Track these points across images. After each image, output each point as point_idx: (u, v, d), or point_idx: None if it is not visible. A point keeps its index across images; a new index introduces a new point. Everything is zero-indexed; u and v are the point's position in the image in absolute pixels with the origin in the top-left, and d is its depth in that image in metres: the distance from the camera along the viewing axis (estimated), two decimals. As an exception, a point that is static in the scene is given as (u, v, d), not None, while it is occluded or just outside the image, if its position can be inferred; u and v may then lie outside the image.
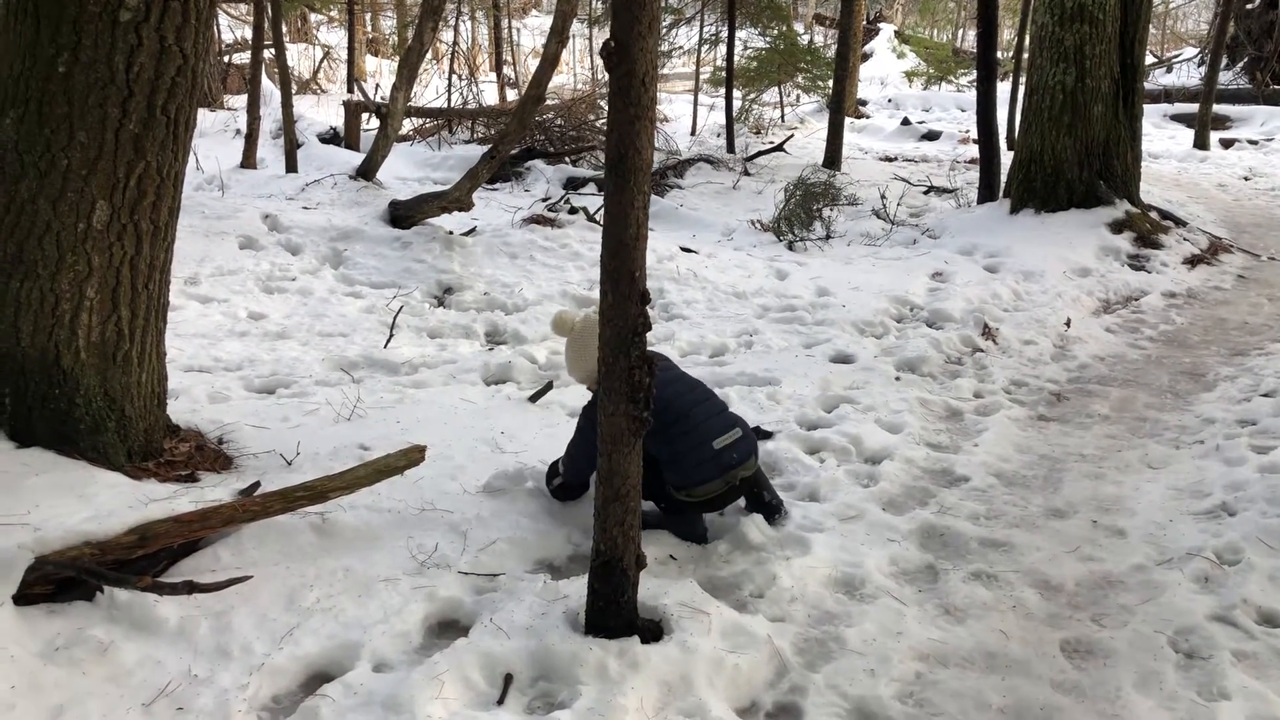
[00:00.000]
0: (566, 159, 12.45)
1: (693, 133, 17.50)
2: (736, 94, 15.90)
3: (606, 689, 2.91)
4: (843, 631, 3.36)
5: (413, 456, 3.78)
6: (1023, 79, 17.38)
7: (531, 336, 6.54)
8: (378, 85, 20.23)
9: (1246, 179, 14.47)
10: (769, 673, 3.16)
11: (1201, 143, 16.76)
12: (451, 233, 8.08)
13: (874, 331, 6.66)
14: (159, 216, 3.98)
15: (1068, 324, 6.92)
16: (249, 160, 11.38)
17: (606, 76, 2.96)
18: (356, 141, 12.92)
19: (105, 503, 3.52)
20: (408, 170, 12.24)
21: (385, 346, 6.20)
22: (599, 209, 8.96)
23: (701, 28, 17.83)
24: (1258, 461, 4.52)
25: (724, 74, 19.03)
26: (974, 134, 18.21)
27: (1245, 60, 21.95)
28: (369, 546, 3.69)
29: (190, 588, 3.01)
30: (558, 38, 7.10)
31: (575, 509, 4.07)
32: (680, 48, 17.87)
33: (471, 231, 8.23)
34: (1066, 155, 9.13)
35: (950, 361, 6.19)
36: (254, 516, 3.47)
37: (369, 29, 28.29)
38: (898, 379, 5.79)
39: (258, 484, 3.85)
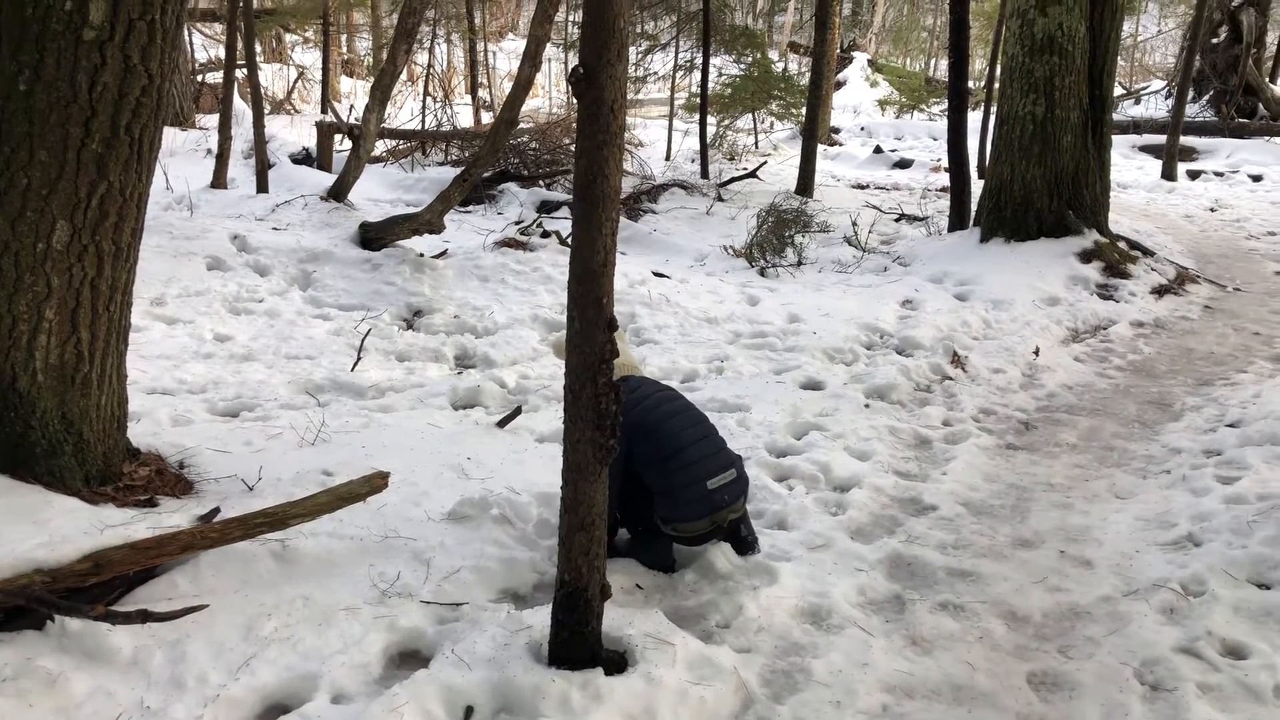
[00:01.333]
0: (540, 182, 12.44)
1: (667, 158, 17.55)
2: (711, 120, 15.98)
3: (570, 721, 2.86)
4: (809, 663, 3.33)
5: (375, 483, 3.72)
6: (994, 109, 17.64)
7: (501, 360, 6.50)
8: (352, 106, 20.15)
9: (1212, 210, 14.64)
10: (735, 705, 3.13)
11: (1169, 174, 16.96)
12: (422, 255, 8.03)
13: (844, 359, 6.67)
14: (121, 237, 3.92)
15: (1036, 353, 6.95)
16: (219, 180, 11.30)
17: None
18: (329, 162, 12.88)
19: (59, 528, 3.44)
20: (380, 191, 12.20)
21: (352, 370, 6.14)
22: (570, 234, 8.95)
23: (676, 54, 17.93)
24: (1223, 492, 4.54)
25: (698, 100, 19.20)
26: (945, 163, 18.47)
27: (1211, 93, 22.29)
28: (329, 574, 3.63)
29: (144, 617, 2.94)
30: (530, 62, 7.10)
31: (541, 538, 4.03)
32: (655, 73, 17.93)
33: (443, 254, 8.19)
34: (1036, 185, 9.20)
35: (920, 389, 6.20)
36: (212, 543, 3.41)
37: (344, 50, 28.30)
38: (867, 406, 5.78)
39: (217, 510, 3.78)
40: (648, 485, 3.69)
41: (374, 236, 8.36)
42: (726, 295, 7.90)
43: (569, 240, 8.48)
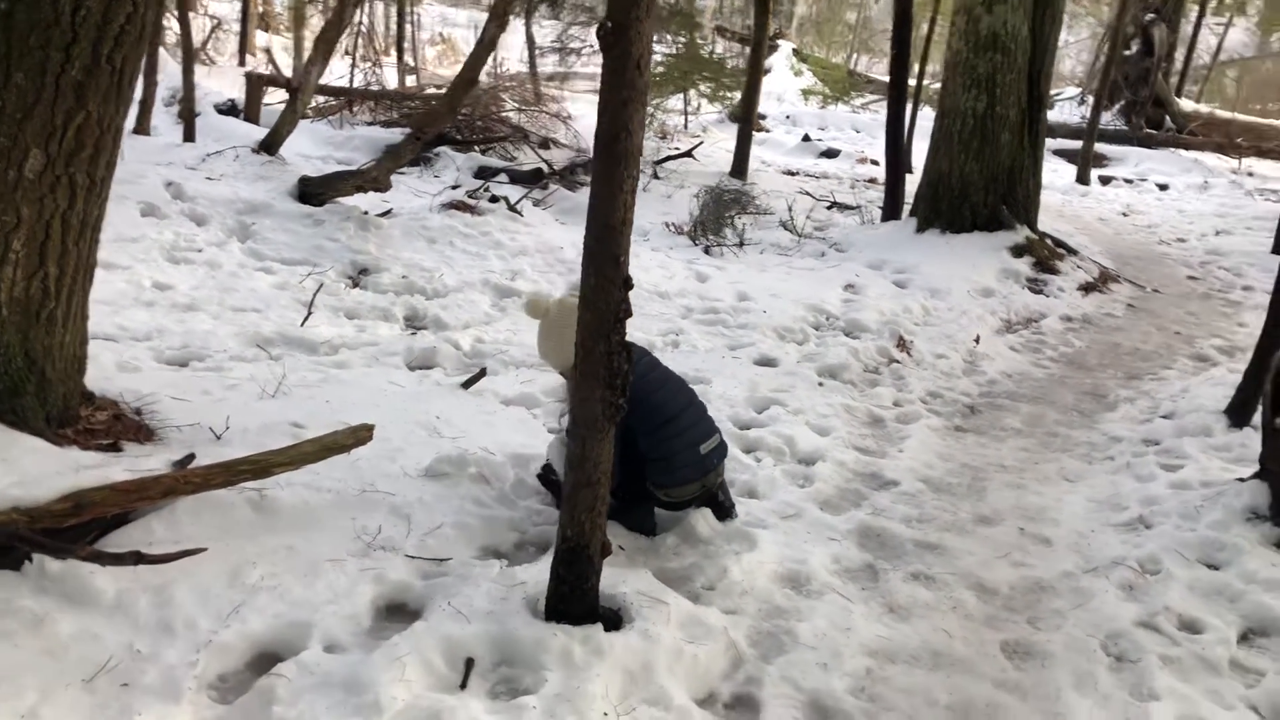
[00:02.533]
0: (476, 148, 12.28)
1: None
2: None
3: (572, 676, 2.87)
4: (794, 626, 3.39)
5: (361, 435, 3.66)
6: (923, 105, 17.98)
7: (453, 323, 6.43)
8: (270, 60, 19.64)
9: (1124, 215, 15.17)
10: (725, 664, 3.17)
11: (1083, 178, 17.52)
12: (366, 213, 7.88)
13: (794, 338, 6.76)
14: (96, 170, 3.77)
15: (977, 340, 7.14)
16: (142, 126, 10.89)
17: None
18: (257, 115, 12.52)
19: (30, 468, 3.30)
20: (310, 148, 11.90)
21: (302, 325, 6.01)
22: (519, 200, 8.90)
23: (611, 29, 17.79)
24: (1167, 478, 4.74)
25: (629, 77, 19.12)
26: (871, 155, 18.77)
27: (1122, 103, 23.04)
28: (310, 526, 3.57)
29: (137, 558, 2.86)
30: (497, 21, 7.01)
31: (519, 498, 4.02)
32: (591, 46, 17.80)
33: (387, 213, 8.05)
34: (974, 179, 9.44)
35: (868, 370, 6.32)
36: (196, 488, 3.32)
37: (259, 2, 27.46)
38: (821, 384, 5.88)
39: (192, 456, 3.67)
40: (641, 451, 3.69)
41: (314, 191, 8.17)
42: (676, 271, 7.93)
43: (518, 207, 8.41)
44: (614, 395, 3.01)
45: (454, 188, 10.53)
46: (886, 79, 30.91)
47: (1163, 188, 18.23)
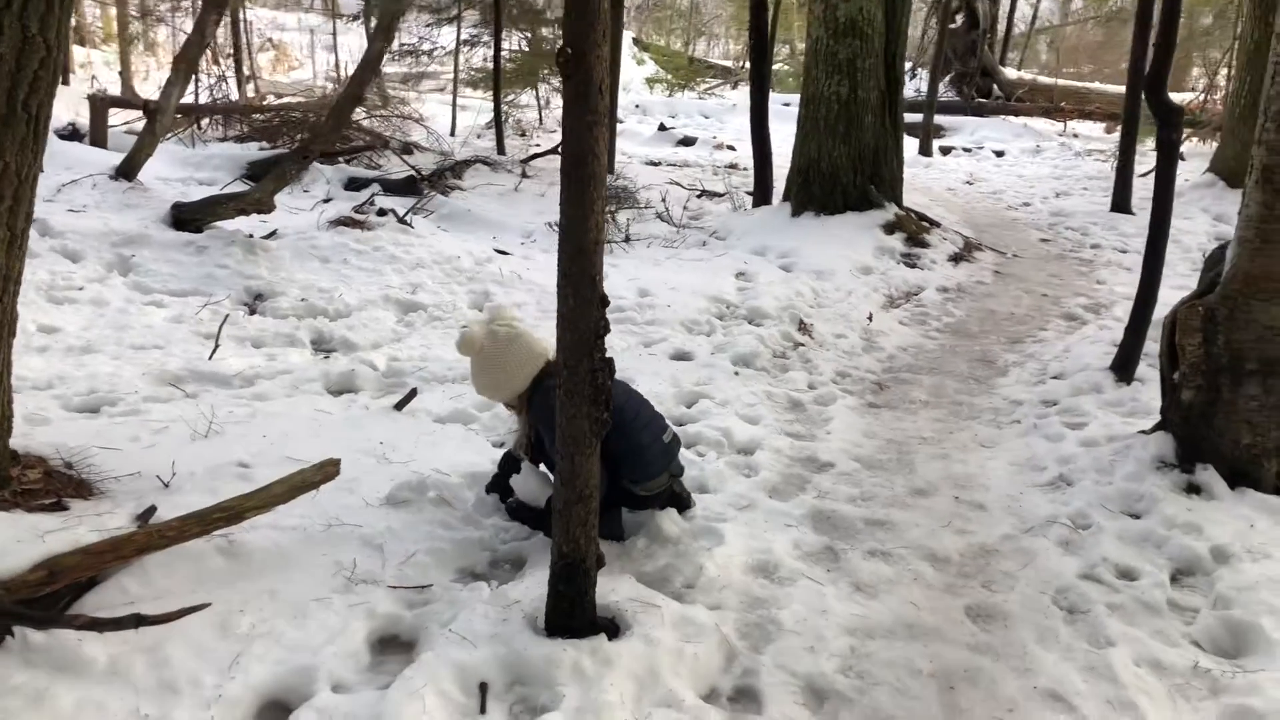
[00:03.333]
0: (340, 158, 12.05)
1: (452, 133, 17.32)
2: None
3: (587, 688, 2.94)
4: (776, 614, 3.53)
5: (328, 471, 3.64)
6: (773, 88, 18.38)
7: (362, 343, 6.35)
8: (93, 78, 18.75)
9: (969, 183, 15.94)
10: (720, 659, 3.29)
11: (925, 150, 18.31)
12: (251, 236, 7.68)
13: (702, 330, 6.93)
14: (15, 222, 3.62)
15: (870, 318, 7.45)
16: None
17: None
18: (104, 139, 11.96)
19: (-11, 538, 3.18)
20: (168, 170, 11.44)
21: (210, 358, 5.85)
22: (408, 211, 8.80)
23: (459, 28, 17.68)
24: (1075, 437, 5.09)
25: (478, 75, 19.02)
26: (727, 140, 19.17)
27: (952, 75, 24.12)
28: (285, 566, 3.53)
29: (138, 621, 2.79)
30: (384, 36, 6.91)
31: (483, 516, 4.05)
32: (441, 47, 17.64)
33: (272, 235, 7.86)
34: (842, 162, 9.79)
35: (777, 356, 6.54)
36: (170, 542, 3.25)
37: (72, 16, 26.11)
38: (737, 374, 6.06)
39: (153, 508, 3.58)
40: (611, 451, 3.75)
41: (190, 217, 7.92)
42: (572, 271, 7.99)
43: (407, 219, 8.30)
44: (599, 411, 3.09)
45: (326, 201, 10.32)
46: (726, 64, 31.44)
47: (999, 154, 19.22)
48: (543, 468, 3.97)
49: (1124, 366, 5.95)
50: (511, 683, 3.02)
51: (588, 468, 3.11)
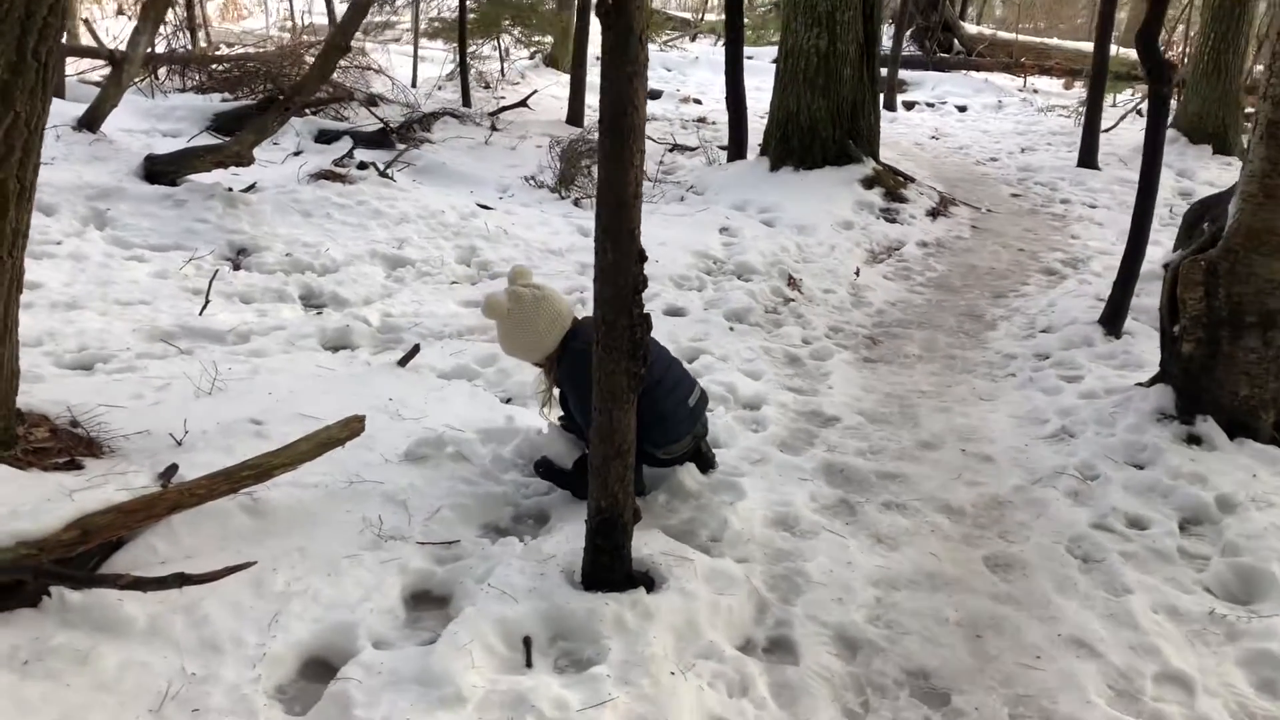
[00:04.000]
0: (309, 110, 11.80)
1: (413, 84, 17.02)
2: (452, 46, 15.48)
3: (630, 641, 2.97)
4: (802, 566, 3.58)
5: (354, 426, 3.61)
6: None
7: (354, 299, 6.28)
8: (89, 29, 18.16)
9: (934, 138, 15.99)
10: (752, 610, 3.34)
11: (890, 105, 18.27)
12: (231, 189, 7.52)
13: (692, 285, 6.92)
14: (25, 175, 3.53)
15: (857, 273, 7.50)
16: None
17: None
18: (62, 89, 11.60)
19: (17, 498, 3.11)
20: (131, 122, 11.14)
21: (201, 314, 5.75)
22: (389, 164, 8.67)
23: (421, -23, 17.35)
24: (1073, 389, 5.18)
25: (438, 26, 18.69)
26: (693, 94, 19.03)
27: (913, 29, 24.09)
28: (311, 524, 3.51)
29: (181, 580, 2.77)
30: (371, -15, 6.75)
31: (501, 472, 4.04)
32: (399, -3, 17.29)
33: (251, 188, 7.70)
34: (821, 116, 9.77)
35: (769, 311, 6.56)
36: (200, 500, 3.21)
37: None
38: (732, 329, 6.07)
39: (174, 467, 3.53)
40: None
41: (164, 170, 7.73)
42: (559, 227, 7.94)
43: (389, 172, 8.16)
44: (637, 366, 3.09)
45: (297, 153, 10.14)
46: (685, 16, 31.05)
47: (961, 109, 19.28)
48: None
49: (1112, 320, 6.05)
50: (554, 636, 3.04)
51: (625, 422, 3.11)
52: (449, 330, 5.77)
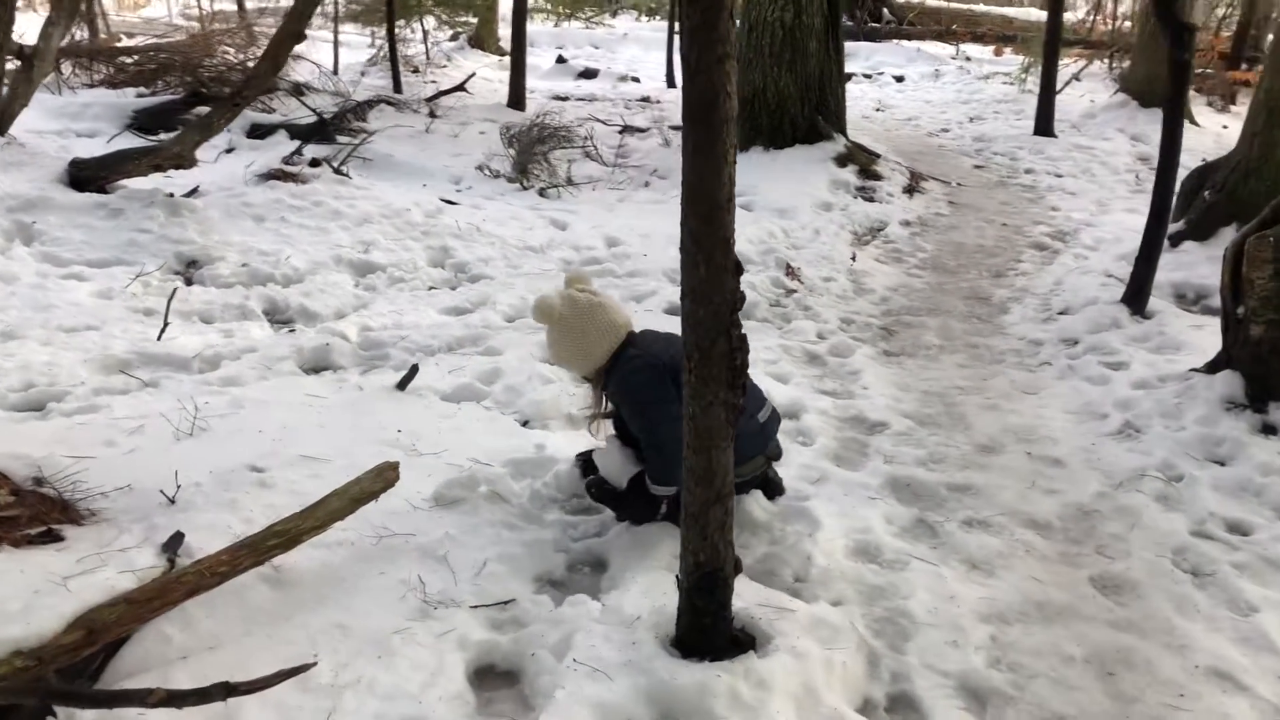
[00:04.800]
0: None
1: (334, 71, 16.24)
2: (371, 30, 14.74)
3: (752, 719, 2.54)
4: (902, 604, 3.19)
5: (388, 476, 3.12)
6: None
7: (324, 312, 5.72)
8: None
9: (879, 110, 15.74)
10: (863, 663, 2.93)
11: (829, 78, 18.00)
12: (172, 195, 6.87)
13: (686, 279, 6.47)
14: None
15: (853, 259, 7.13)
16: None
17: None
18: (-40, 89, 10.70)
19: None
20: (40, 122, 10.30)
21: (159, 338, 5.15)
22: (341, 161, 8.06)
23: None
24: (1122, 378, 4.86)
25: (357, 9, 17.88)
26: (627, 72, 18.55)
27: None
28: (345, 592, 3.01)
29: (227, 691, 2.26)
30: (327, -35, 6.15)
31: (542, 511, 3.58)
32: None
33: (194, 192, 7.05)
34: (789, 91, 9.38)
35: (773, 305, 6.16)
36: (222, 579, 2.70)
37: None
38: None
39: (180, 536, 3.00)
40: None
41: (93, 176, 7.06)
42: (531, 221, 7.43)
43: (343, 169, 7.56)
44: (736, 396, 2.66)
45: (229, 150, 9.47)
46: (611, -9, 30.38)
47: (899, 80, 19.10)
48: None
49: (1136, 298, 5.77)
50: (662, 717, 2.59)
51: (724, 463, 2.67)
52: (438, 344, 5.25)
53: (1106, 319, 5.64)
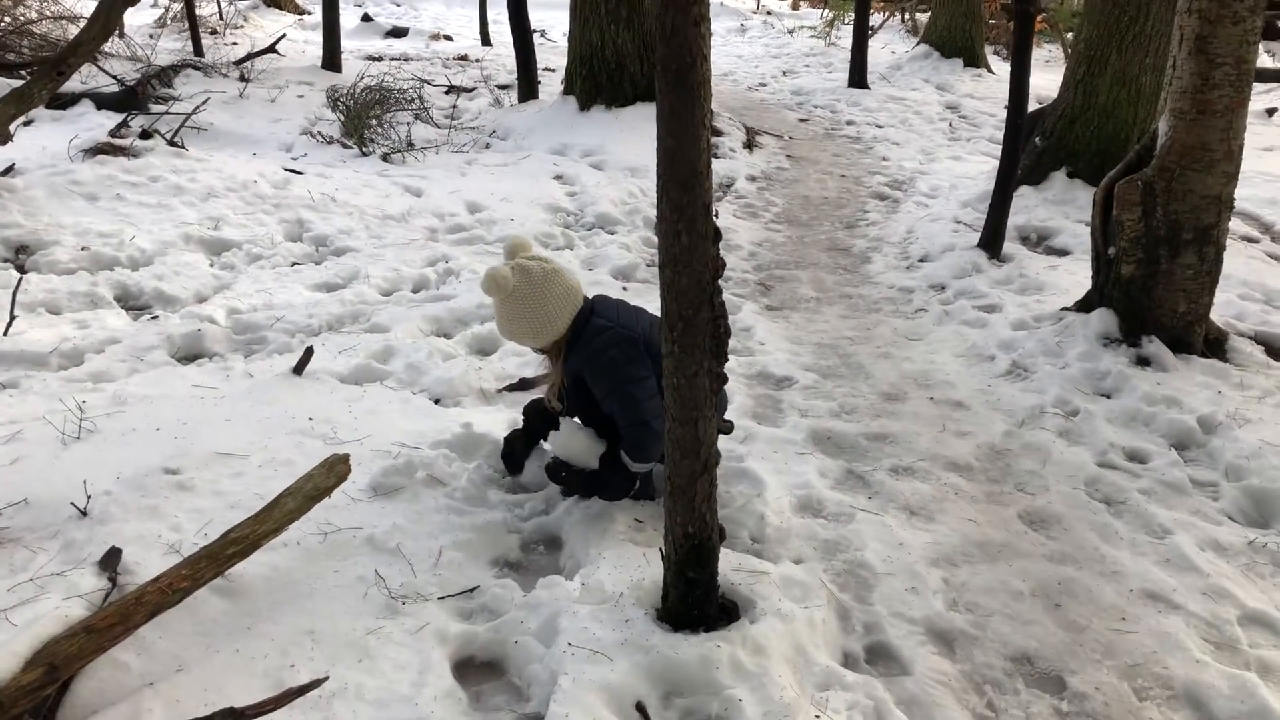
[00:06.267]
0: (21, 71, 10.12)
1: (120, 34, 15.10)
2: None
3: (757, 687, 2.54)
4: (857, 556, 3.26)
5: (340, 470, 2.94)
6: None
7: (182, 294, 5.34)
8: None
9: (696, 66, 15.83)
10: (835, 618, 2.99)
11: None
12: (-16, 176, 6.24)
13: (558, 243, 6.39)
14: None
15: (716, 215, 7.16)
16: None
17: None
18: None
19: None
20: None
21: (5, 333, 4.70)
22: (175, 131, 7.51)
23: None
24: (1000, 320, 5.10)
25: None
26: (432, 30, 18.02)
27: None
28: (303, 596, 2.85)
29: (234, 717, 2.09)
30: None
31: (484, 492, 3.47)
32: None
33: (9, 171, 6.41)
34: (627, 49, 9.31)
35: (649, 265, 6.14)
36: (185, 595, 2.49)
37: None
38: (625, 290, 5.62)
39: (117, 551, 2.75)
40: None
41: (-116, 156, 6.33)
42: (385, 188, 7.12)
43: (178, 140, 7.10)
44: (719, 365, 2.64)
45: (27, 123, 8.68)
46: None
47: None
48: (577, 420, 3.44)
49: (993, 243, 6.06)
50: (668, 694, 2.57)
51: (710, 433, 2.65)
52: (318, 323, 5.00)
53: (967, 264, 5.90)
